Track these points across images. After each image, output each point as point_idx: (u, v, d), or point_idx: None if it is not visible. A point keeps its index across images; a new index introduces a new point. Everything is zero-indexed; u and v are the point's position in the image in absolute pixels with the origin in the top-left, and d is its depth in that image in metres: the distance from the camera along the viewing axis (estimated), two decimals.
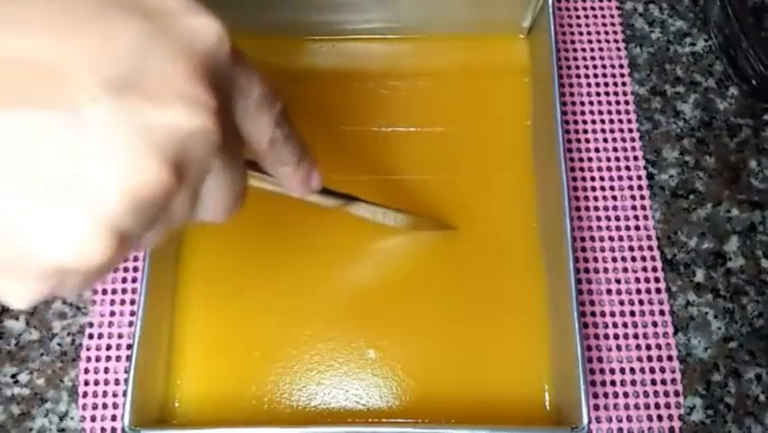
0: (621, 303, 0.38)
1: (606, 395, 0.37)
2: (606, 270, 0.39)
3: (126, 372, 0.32)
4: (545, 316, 0.37)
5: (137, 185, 0.15)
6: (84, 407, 0.36)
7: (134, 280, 0.39)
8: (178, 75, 0.16)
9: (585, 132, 0.42)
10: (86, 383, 0.37)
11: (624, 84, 0.44)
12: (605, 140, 0.42)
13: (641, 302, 0.39)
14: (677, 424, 0.36)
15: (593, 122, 0.43)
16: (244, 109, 0.20)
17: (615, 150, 0.42)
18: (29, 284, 0.16)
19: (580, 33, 0.45)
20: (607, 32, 0.45)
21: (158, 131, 0.16)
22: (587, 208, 0.40)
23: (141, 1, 0.17)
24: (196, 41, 0.17)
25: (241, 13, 0.42)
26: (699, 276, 0.39)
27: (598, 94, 0.43)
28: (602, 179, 0.41)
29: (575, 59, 0.44)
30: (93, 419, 0.36)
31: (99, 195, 0.15)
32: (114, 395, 0.36)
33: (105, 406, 0.36)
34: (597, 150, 0.42)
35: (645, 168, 0.42)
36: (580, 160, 0.42)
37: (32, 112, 0.15)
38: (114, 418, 0.36)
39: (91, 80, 0.15)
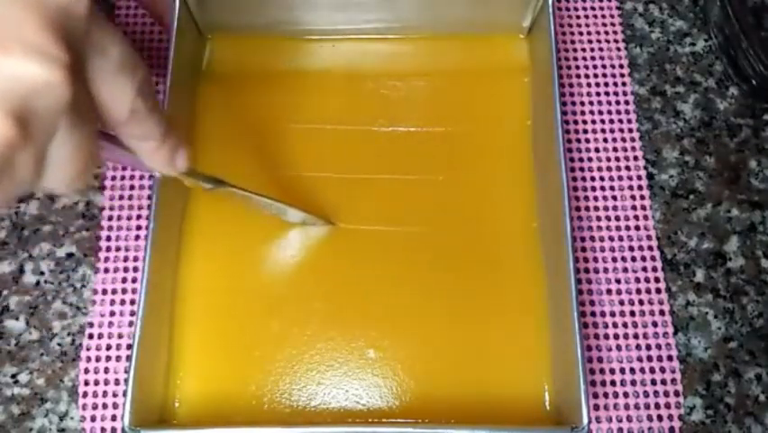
0: (621, 303, 0.38)
1: (606, 395, 0.37)
2: (606, 270, 0.39)
3: (126, 372, 0.32)
4: (545, 316, 0.37)
5: None
6: (84, 407, 0.36)
7: (134, 281, 0.39)
8: (27, 24, 0.16)
9: (585, 132, 0.42)
10: (87, 383, 0.37)
11: (624, 84, 0.44)
12: (605, 140, 0.42)
13: (641, 302, 0.39)
14: (677, 424, 0.36)
15: (593, 122, 0.43)
16: (102, 70, 0.19)
17: (615, 150, 0.42)
18: None
19: (580, 33, 0.45)
20: (607, 32, 0.45)
21: (2, 79, 0.15)
22: (587, 208, 0.40)
23: None
24: None
25: (241, 14, 0.42)
26: (699, 276, 0.39)
27: (598, 94, 0.43)
28: (602, 179, 0.41)
29: (575, 59, 0.44)
30: (93, 419, 0.36)
31: None
32: (114, 395, 0.36)
33: (105, 406, 0.36)
34: (597, 150, 0.42)
35: (645, 168, 0.42)
36: (580, 160, 0.42)
37: None
38: (114, 418, 0.36)
39: None
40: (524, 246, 0.38)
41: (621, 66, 0.44)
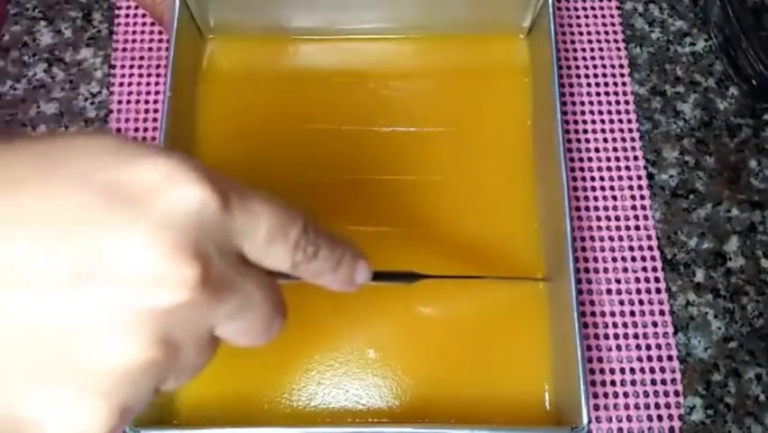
0: (621, 303, 0.38)
1: (606, 395, 0.37)
2: (606, 270, 0.39)
3: None
4: (545, 316, 0.37)
5: (124, 364, 0.16)
6: None
7: None
8: (156, 256, 0.17)
9: (585, 132, 0.42)
10: None
11: (624, 84, 0.44)
12: (605, 140, 0.42)
13: (641, 302, 0.39)
14: (677, 424, 0.36)
15: (593, 122, 0.43)
16: (255, 250, 0.20)
17: (615, 150, 0.42)
18: None
19: (580, 33, 0.45)
20: (607, 32, 0.45)
21: (136, 313, 0.16)
22: (587, 208, 0.40)
23: (125, 180, 0.17)
24: (175, 215, 0.17)
25: (241, 14, 0.42)
26: (699, 276, 0.39)
27: (598, 94, 0.43)
28: (602, 179, 0.41)
29: (575, 59, 0.44)
30: None
31: (90, 376, 0.16)
32: None
33: None
34: (597, 150, 0.42)
35: (645, 168, 0.42)
36: (580, 160, 0.42)
37: (19, 300, 0.16)
38: None
39: (54, 277, 0.16)
40: (524, 246, 0.38)
41: (621, 66, 0.44)
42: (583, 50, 0.44)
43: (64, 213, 0.17)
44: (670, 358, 0.37)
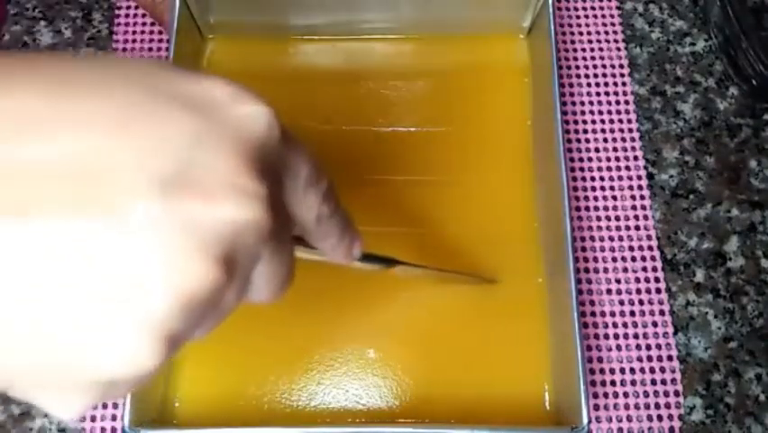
0: (621, 303, 0.38)
1: (606, 395, 0.37)
2: (606, 270, 0.39)
3: None
4: (545, 316, 0.37)
5: (187, 287, 0.15)
6: None
7: None
8: (227, 167, 0.16)
9: (585, 132, 0.42)
10: None
11: (624, 84, 0.44)
12: (605, 140, 0.42)
13: (641, 302, 0.39)
14: (677, 424, 0.36)
15: (593, 122, 0.43)
16: (293, 189, 0.20)
17: (615, 150, 0.42)
18: (76, 397, 0.15)
19: (580, 33, 0.45)
20: (607, 32, 0.45)
21: (207, 227, 0.15)
22: (587, 208, 0.40)
23: (190, 92, 0.17)
24: (246, 130, 0.17)
25: (241, 14, 0.42)
26: (699, 276, 0.39)
27: (598, 94, 0.43)
28: (602, 179, 0.41)
29: (575, 59, 0.44)
30: (93, 419, 0.36)
31: (148, 301, 0.15)
32: None
33: (105, 406, 0.36)
34: (597, 150, 0.42)
35: (645, 168, 0.42)
36: (580, 160, 0.42)
37: (75, 218, 0.14)
38: (114, 418, 0.36)
39: (136, 180, 0.15)
40: (524, 246, 0.38)
41: (621, 66, 0.44)
42: (583, 50, 0.44)
43: (134, 114, 0.15)
44: (670, 358, 0.37)
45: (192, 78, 0.17)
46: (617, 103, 0.43)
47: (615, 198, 0.41)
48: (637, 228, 0.40)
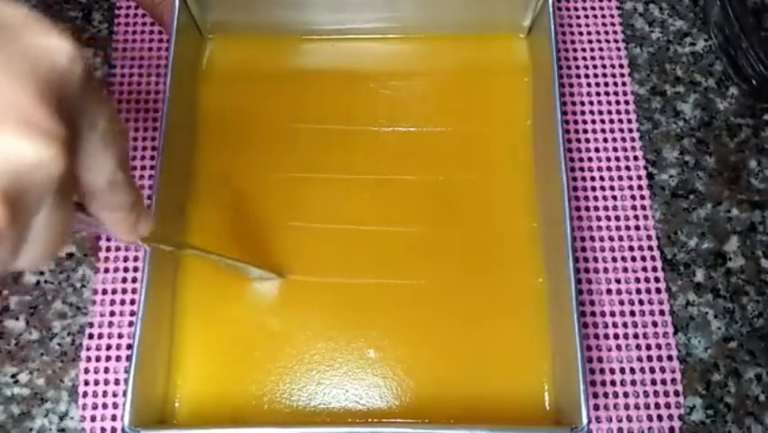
0: (621, 303, 0.38)
1: (606, 395, 0.37)
2: (606, 270, 0.39)
3: (126, 372, 0.32)
4: (545, 316, 0.37)
5: None
6: (84, 407, 0.36)
7: (134, 281, 0.39)
8: (21, 97, 0.15)
9: (585, 132, 0.42)
10: (87, 383, 0.37)
11: (624, 84, 0.44)
12: (605, 140, 0.42)
13: (641, 302, 0.39)
14: (677, 424, 0.36)
15: (593, 122, 0.43)
16: (88, 141, 0.18)
17: (615, 150, 0.42)
18: None
19: (580, 33, 0.45)
20: (607, 32, 0.45)
21: None
22: (587, 208, 0.40)
23: None
24: (45, 61, 0.16)
25: (241, 14, 0.42)
26: (699, 276, 0.39)
27: (598, 94, 0.43)
28: (602, 179, 0.41)
29: (575, 59, 0.44)
30: (93, 419, 0.36)
31: None
32: (114, 395, 0.36)
33: (105, 406, 0.36)
34: (597, 150, 0.42)
35: (645, 168, 0.42)
36: (580, 160, 0.42)
37: None
38: (114, 418, 0.36)
39: None
40: (524, 246, 0.38)
41: (621, 66, 0.44)
42: (583, 50, 0.44)
43: None
44: (670, 358, 0.37)
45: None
46: (617, 103, 0.43)
47: (615, 197, 0.41)
48: (637, 228, 0.40)
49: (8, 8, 0.16)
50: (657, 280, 0.39)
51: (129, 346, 0.37)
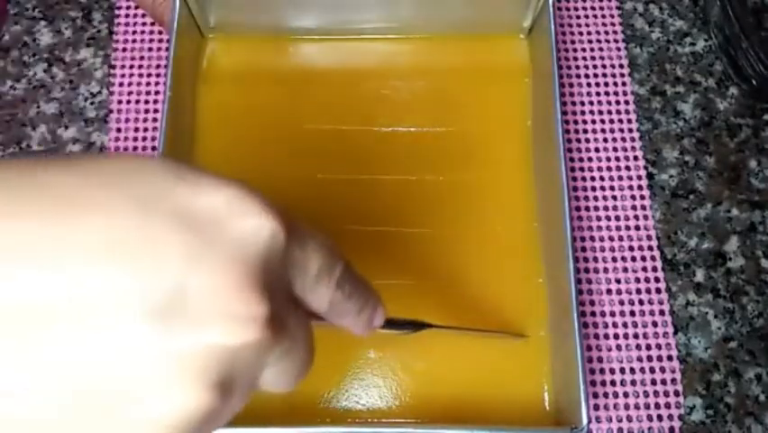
0: (621, 303, 0.38)
1: (606, 395, 0.37)
2: (606, 270, 0.39)
3: None
4: (545, 316, 0.37)
5: (179, 414, 0.15)
6: None
7: None
8: (225, 289, 0.15)
9: (585, 132, 0.42)
10: None
11: (624, 84, 0.44)
12: (605, 140, 0.42)
13: (641, 302, 0.39)
14: (677, 424, 0.36)
15: (593, 122, 0.43)
16: (303, 285, 0.19)
17: (615, 150, 0.42)
18: None
19: (580, 33, 0.45)
20: (607, 32, 0.45)
21: (202, 354, 0.15)
22: (587, 208, 0.40)
23: (189, 206, 0.16)
24: (246, 246, 0.16)
25: (242, 14, 0.42)
26: (699, 276, 0.39)
27: (598, 94, 0.43)
28: (602, 179, 0.41)
29: (575, 59, 0.44)
30: None
31: (144, 428, 0.15)
32: None
33: None
34: (597, 150, 0.42)
35: (645, 168, 0.42)
36: (580, 160, 0.42)
37: (75, 347, 0.14)
38: None
39: (126, 313, 0.14)
40: (524, 246, 0.38)
41: (621, 66, 0.44)
42: (583, 50, 0.44)
43: (130, 239, 0.15)
44: (670, 358, 0.37)
45: (194, 187, 0.16)
46: (617, 103, 0.43)
47: (615, 197, 0.41)
48: (637, 228, 0.40)
49: (220, 199, 0.16)
50: (657, 280, 0.39)
51: None
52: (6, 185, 0.15)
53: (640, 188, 0.41)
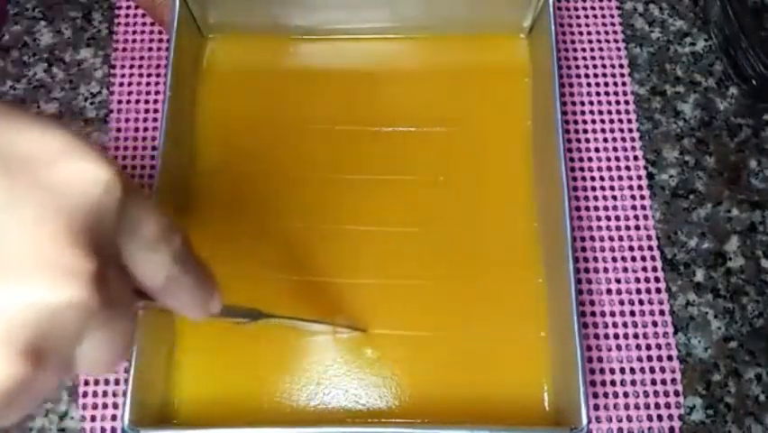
0: (621, 303, 0.38)
1: (606, 395, 0.37)
2: (606, 270, 0.39)
3: (126, 371, 0.32)
4: (545, 316, 0.37)
5: None
6: (84, 407, 0.36)
7: None
8: (48, 240, 0.14)
9: (585, 132, 0.42)
10: (86, 383, 0.37)
11: (624, 84, 0.44)
12: (605, 140, 0.42)
13: (641, 302, 0.39)
14: (677, 424, 0.36)
15: (593, 122, 0.43)
16: (135, 250, 0.17)
17: (615, 150, 0.42)
18: None
19: (580, 33, 0.45)
20: (607, 32, 0.45)
21: (13, 314, 0.13)
22: (587, 208, 0.40)
23: (12, 146, 0.14)
24: (74, 193, 0.15)
25: (241, 13, 0.42)
26: (699, 276, 0.39)
27: (598, 94, 0.43)
28: (602, 179, 0.41)
29: (575, 59, 0.44)
30: (93, 418, 0.36)
31: None
32: (114, 395, 0.36)
33: (105, 406, 0.36)
34: (597, 150, 0.42)
35: (645, 168, 0.42)
36: (580, 160, 0.42)
37: None
38: (114, 418, 0.36)
39: None
40: (524, 246, 0.38)
41: (621, 66, 0.44)
42: (583, 50, 0.44)
43: None
44: (670, 358, 0.37)
45: (24, 126, 0.15)
46: (617, 103, 0.43)
47: (615, 197, 0.41)
48: (637, 228, 0.40)
49: (36, 137, 0.15)
50: (657, 280, 0.39)
51: None
52: None
53: (640, 188, 0.41)
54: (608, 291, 0.39)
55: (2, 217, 0.14)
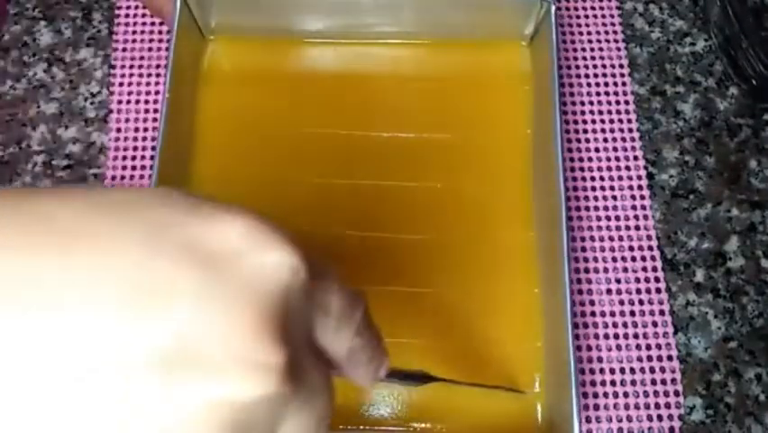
0: (621, 303, 0.38)
1: (606, 395, 0.37)
2: (606, 270, 0.39)
3: None
4: (540, 328, 0.37)
5: None
6: None
7: None
8: (240, 334, 0.14)
9: (585, 132, 0.42)
10: None
11: (624, 84, 0.44)
12: (605, 140, 0.42)
13: (641, 302, 0.39)
14: (677, 424, 0.36)
15: (593, 122, 0.43)
16: (324, 328, 0.17)
17: (615, 150, 0.42)
18: None
19: (580, 34, 0.45)
20: (607, 32, 0.45)
21: (214, 409, 0.13)
22: (587, 208, 0.40)
23: (202, 239, 0.14)
24: (266, 282, 0.15)
25: (243, 16, 0.42)
26: (699, 276, 0.39)
27: (598, 94, 0.43)
28: (602, 179, 0.41)
29: (575, 59, 0.44)
30: None
31: None
32: None
33: None
34: (597, 150, 0.42)
35: (645, 168, 0.42)
36: (580, 160, 0.42)
37: (84, 408, 0.13)
38: None
39: (133, 361, 0.13)
40: (522, 255, 0.38)
41: (621, 66, 0.44)
42: (583, 50, 0.44)
43: (135, 278, 0.14)
44: (670, 358, 0.37)
45: (207, 219, 0.15)
46: (617, 103, 0.43)
47: (615, 198, 0.41)
48: (637, 228, 0.40)
49: (224, 228, 0.15)
50: (657, 280, 0.39)
51: None
52: (6, 213, 0.14)
53: (640, 188, 0.41)
54: (608, 291, 0.39)
55: (192, 311, 0.14)
